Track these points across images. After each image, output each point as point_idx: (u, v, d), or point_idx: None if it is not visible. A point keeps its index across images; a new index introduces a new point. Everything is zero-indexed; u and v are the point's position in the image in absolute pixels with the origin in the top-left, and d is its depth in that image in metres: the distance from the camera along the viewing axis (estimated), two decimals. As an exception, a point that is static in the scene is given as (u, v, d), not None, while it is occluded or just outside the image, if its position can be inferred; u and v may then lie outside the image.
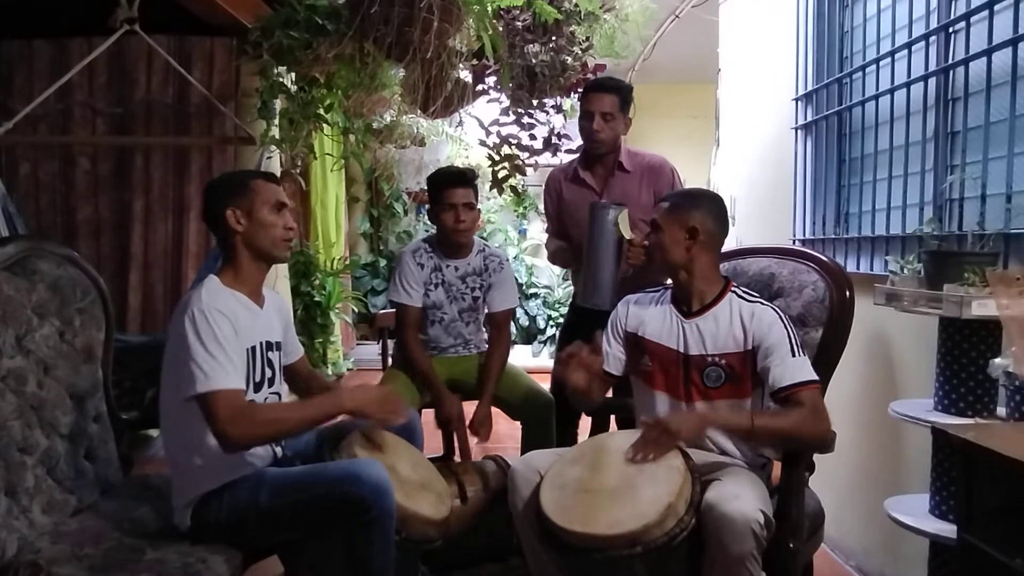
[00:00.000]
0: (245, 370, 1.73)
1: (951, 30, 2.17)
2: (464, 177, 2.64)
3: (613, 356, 2.04)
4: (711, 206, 1.94)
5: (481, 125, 3.33)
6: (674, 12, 4.76)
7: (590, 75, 3.21)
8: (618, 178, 2.62)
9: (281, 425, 1.72)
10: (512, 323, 5.76)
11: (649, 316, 1.99)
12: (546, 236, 2.88)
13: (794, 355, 1.78)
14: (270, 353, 1.85)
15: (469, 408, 2.71)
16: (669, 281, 2.03)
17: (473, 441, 2.61)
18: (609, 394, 2.18)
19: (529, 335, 6.55)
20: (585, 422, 2.28)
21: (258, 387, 1.80)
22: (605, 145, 2.57)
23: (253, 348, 1.77)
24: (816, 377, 1.78)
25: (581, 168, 2.66)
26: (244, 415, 1.63)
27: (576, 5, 3.09)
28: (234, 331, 1.68)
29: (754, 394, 1.86)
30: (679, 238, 1.89)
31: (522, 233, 6.93)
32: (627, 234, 2.31)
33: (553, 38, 3.07)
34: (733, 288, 1.93)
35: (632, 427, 2.04)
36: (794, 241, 2.98)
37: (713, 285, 1.92)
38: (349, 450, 1.82)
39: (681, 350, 1.90)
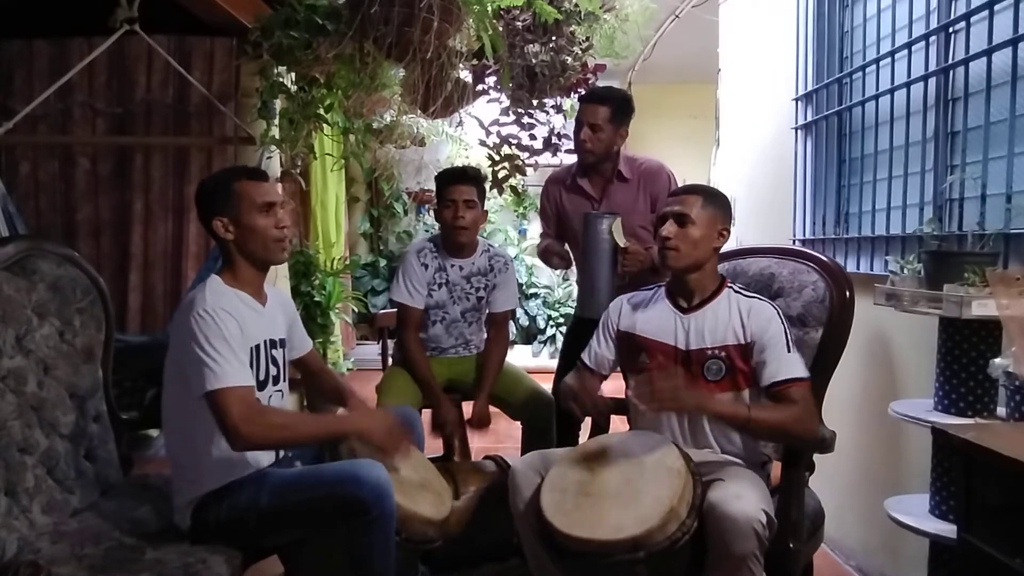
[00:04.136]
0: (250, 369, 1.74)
1: (951, 30, 2.17)
2: (466, 175, 2.65)
3: (602, 356, 2.04)
4: (730, 206, 1.97)
5: (481, 125, 3.32)
6: (674, 12, 4.76)
7: (590, 75, 3.22)
8: (616, 187, 2.62)
9: (291, 432, 1.70)
10: (512, 323, 5.76)
11: (644, 314, 1.99)
12: (540, 237, 2.89)
13: (788, 351, 1.79)
14: (274, 351, 1.85)
15: (468, 409, 2.71)
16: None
17: (473, 441, 2.61)
18: (608, 393, 2.19)
19: (529, 335, 6.55)
20: (585, 422, 2.28)
21: (262, 385, 1.80)
22: (592, 156, 2.57)
23: (257, 347, 1.77)
24: (808, 374, 1.79)
25: (579, 177, 2.66)
26: (259, 415, 1.63)
27: (576, 5, 3.09)
28: (240, 330, 1.68)
29: (751, 387, 1.86)
30: (711, 236, 1.89)
31: (522, 233, 6.93)
32: (621, 242, 2.32)
33: (553, 38, 3.07)
34: (729, 284, 1.94)
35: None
36: (794, 241, 2.98)
37: (713, 282, 1.93)
38: (349, 450, 1.82)
39: (680, 346, 1.90)
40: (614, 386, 2.15)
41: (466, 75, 3.19)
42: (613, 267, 2.34)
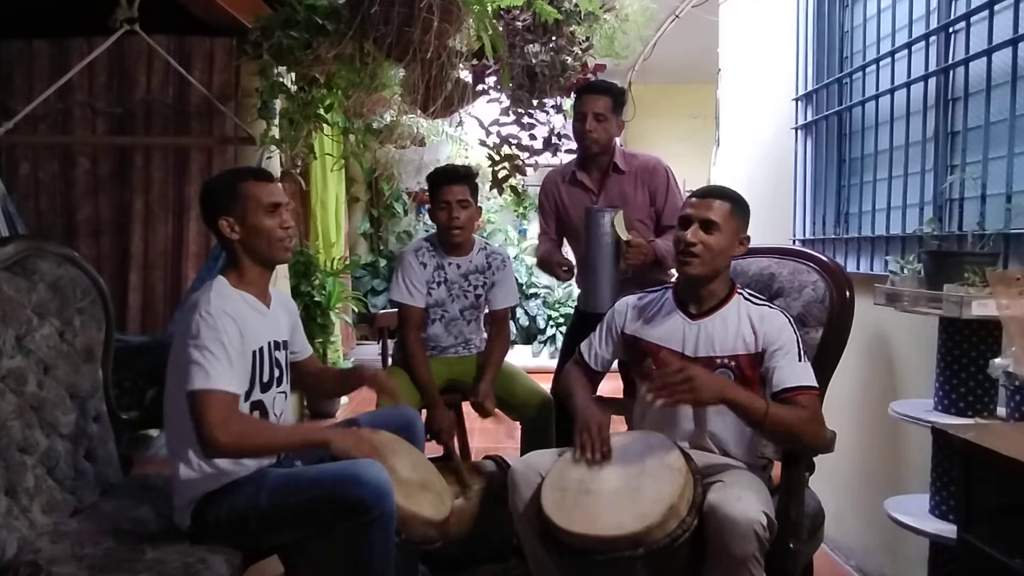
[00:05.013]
0: (250, 373, 1.74)
1: (951, 30, 2.17)
2: (458, 174, 2.64)
3: (601, 355, 2.04)
4: (750, 213, 1.93)
5: (481, 125, 3.32)
6: (674, 12, 4.76)
7: (590, 75, 3.22)
8: (614, 179, 2.63)
9: (264, 443, 1.70)
10: (512, 323, 5.75)
11: (651, 318, 1.97)
12: (539, 238, 2.89)
13: (800, 360, 1.77)
14: (277, 353, 1.85)
15: (469, 408, 2.71)
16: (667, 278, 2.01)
17: (473, 441, 2.60)
18: (609, 393, 2.19)
19: (529, 335, 6.55)
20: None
21: (266, 387, 1.80)
22: (597, 145, 2.58)
23: (261, 349, 1.77)
24: (817, 384, 1.77)
25: (578, 170, 2.67)
26: (235, 423, 1.62)
27: (576, 5, 3.09)
28: (240, 335, 1.68)
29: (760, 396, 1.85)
30: (733, 245, 1.87)
31: (522, 233, 6.93)
32: (623, 235, 2.32)
33: (553, 38, 3.07)
34: (739, 290, 1.92)
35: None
36: (794, 241, 2.98)
37: (724, 288, 1.91)
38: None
39: (688, 353, 1.87)
40: (612, 385, 2.15)
41: (466, 75, 3.19)
42: (616, 260, 2.35)
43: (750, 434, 1.85)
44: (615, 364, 2.13)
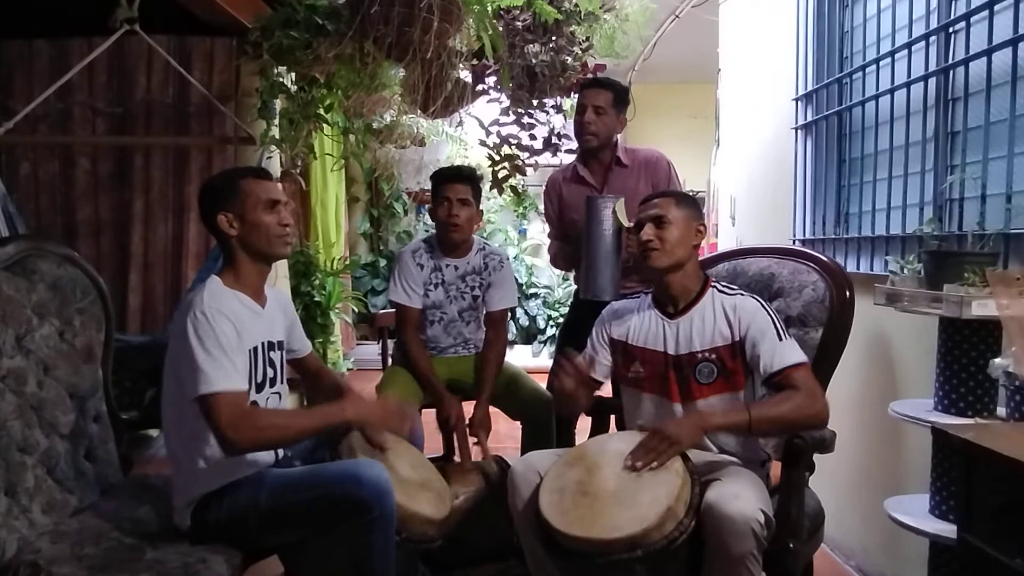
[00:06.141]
0: (247, 372, 1.73)
1: (951, 30, 2.17)
2: (461, 173, 2.66)
3: (599, 363, 2.05)
4: (700, 206, 2.01)
5: (481, 125, 3.32)
6: (674, 12, 4.76)
7: (590, 75, 3.22)
8: (617, 173, 2.64)
9: (283, 431, 1.71)
10: (512, 323, 5.75)
11: (633, 322, 2.00)
12: (548, 239, 2.90)
13: (781, 339, 1.79)
14: (272, 353, 1.85)
15: (468, 408, 2.71)
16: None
17: (472, 442, 2.60)
18: (609, 394, 2.19)
19: (529, 335, 6.55)
20: (585, 422, 2.28)
21: (259, 387, 1.80)
22: (595, 139, 2.60)
23: (255, 349, 1.77)
24: (805, 358, 1.79)
25: (579, 166, 2.69)
26: (246, 418, 1.63)
27: (576, 5, 3.09)
28: (236, 332, 1.68)
29: (747, 385, 1.87)
30: (689, 234, 1.91)
31: (522, 233, 6.93)
32: (625, 223, 2.32)
33: (553, 38, 3.07)
34: (713, 283, 1.94)
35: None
36: (794, 241, 2.98)
37: (696, 283, 1.94)
38: (349, 450, 1.82)
39: (670, 351, 1.91)
40: (609, 388, 2.15)
41: (466, 75, 3.19)
42: (617, 248, 2.35)
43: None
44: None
